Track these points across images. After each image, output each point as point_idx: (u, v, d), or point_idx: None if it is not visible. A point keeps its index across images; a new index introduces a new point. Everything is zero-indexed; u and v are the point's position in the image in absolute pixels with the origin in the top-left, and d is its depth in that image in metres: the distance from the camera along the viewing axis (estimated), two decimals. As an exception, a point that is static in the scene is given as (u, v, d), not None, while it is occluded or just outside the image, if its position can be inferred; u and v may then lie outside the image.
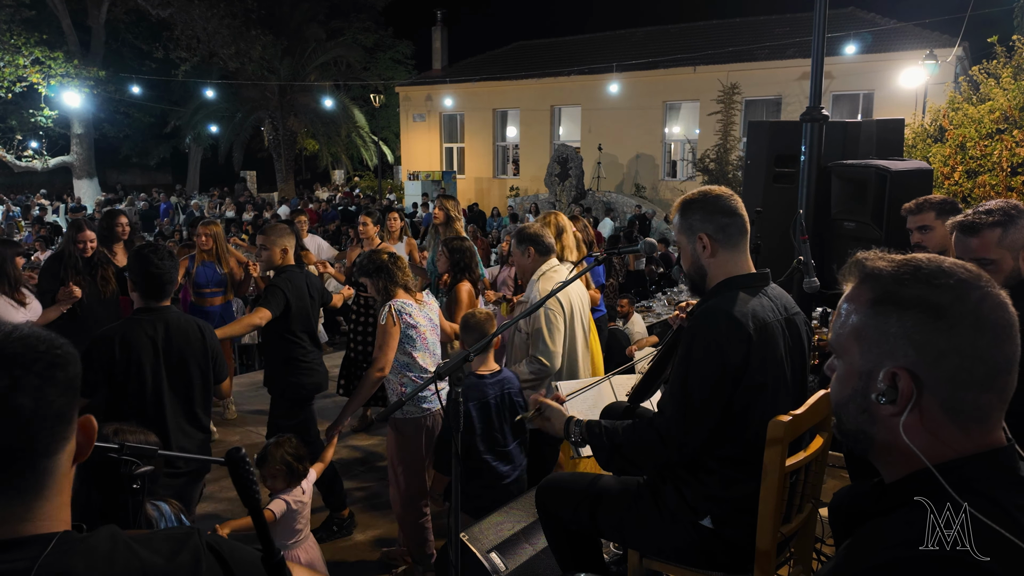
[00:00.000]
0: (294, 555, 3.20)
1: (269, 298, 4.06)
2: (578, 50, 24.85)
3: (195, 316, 5.82)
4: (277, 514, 3.13)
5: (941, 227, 3.24)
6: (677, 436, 2.21)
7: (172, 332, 3.17)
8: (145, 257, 3.17)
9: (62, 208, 21.16)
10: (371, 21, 31.84)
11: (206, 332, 3.31)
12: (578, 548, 2.66)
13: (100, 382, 3.03)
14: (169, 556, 1.04)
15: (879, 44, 18.66)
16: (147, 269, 3.15)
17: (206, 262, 6.01)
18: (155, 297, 3.19)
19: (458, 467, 2.14)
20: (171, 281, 3.23)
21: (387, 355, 3.55)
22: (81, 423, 1.06)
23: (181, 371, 3.19)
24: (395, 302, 3.62)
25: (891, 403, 1.08)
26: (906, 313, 1.07)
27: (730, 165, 19.32)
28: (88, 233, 5.00)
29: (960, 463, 1.05)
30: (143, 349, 3.09)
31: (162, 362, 3.13)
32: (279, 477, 3.22)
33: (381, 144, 28.26)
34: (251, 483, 1.32)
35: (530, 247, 3.88)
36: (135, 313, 3.20)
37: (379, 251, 3.79)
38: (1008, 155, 8.74)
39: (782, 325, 2.28)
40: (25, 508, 0.98)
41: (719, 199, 2.33)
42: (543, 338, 3.64)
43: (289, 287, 4.12)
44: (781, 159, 5.84)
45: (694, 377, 2.19)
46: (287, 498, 3.19)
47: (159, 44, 24.50)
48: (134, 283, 3.22)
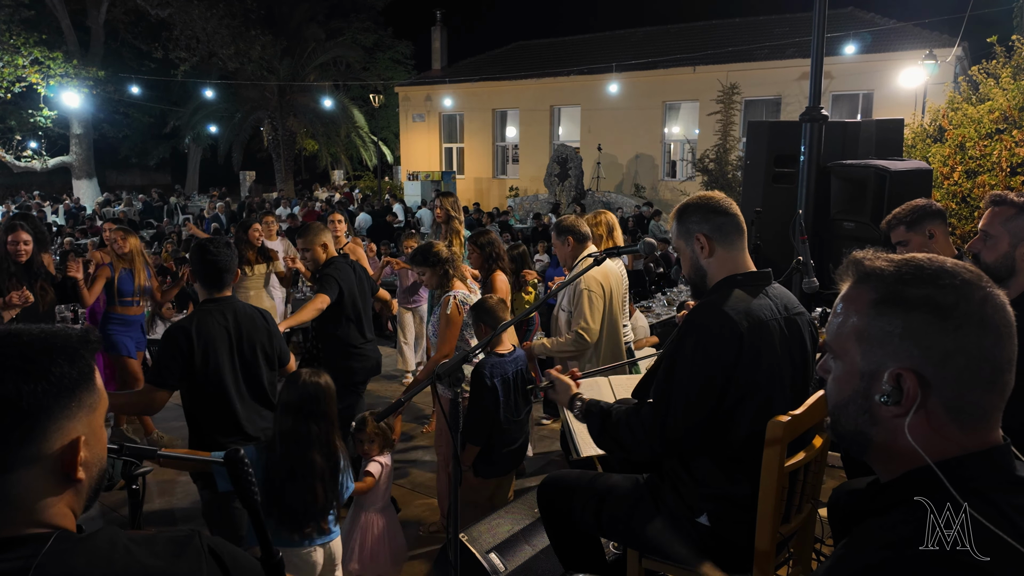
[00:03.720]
0: (376, 518, 3.36)
1: (325, 285, 4.30)
2: (578, 50, 24.86)
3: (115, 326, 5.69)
4: (376, 476, 3.32)
5: (915, 237, 3.21)
6: (659, 428, 2.22)
7: (240, 320, 3.29)
8: (204, 249, 3.26)
9: (61, 208, 21.16)
10: (371, 21, 31.84)
11: (268, 318, 3.46)
12: (579, 546, 2.66)
13: (178, 371, 3.12)
14: (169, 559, 1.04)
15: (878, 44, 18.67)
16: (206, 259, 3.24)
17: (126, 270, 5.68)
18: (217, 287, 3.30)
19: (457, 468, 2.14)
20: (230, 270, 3.32)
21: (451, 342, 3.83)
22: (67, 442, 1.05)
23: (251, 356, 3.31)
24: (457, 292, 3.90)
25: (895, 404, 1.07)
26: (911, 314, 1.06)
27: (730, 165, 19.30)
28: (22, 235, 4.66)
29: (959, 462, 1.05)
30: (219, 337, 3.19)
31: (234, 348, 3.25)
32: (376, 442, 3.41)
33: (380, 144, 28.26)
34: (250, 483, 1.32)
35: (569, 236, 4.26)
36: (203, 304, 3.31)
37: (436, 243, 4.05)
38: (1008, 155, 8.74)
39: (781, 324, 2.28)
40: (22, 510, 0.98)
41: (712, 200, 2.37)
42: (584, 316, 4.04)
43: (340, 274, 4.38)
44: (781, 159, 5.85)
45: (682, 372, 2.20)
46: (383, 460, 3.39)
47: (158, 44, 24.47)
48: (195, 275, 3.32)
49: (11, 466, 0.99)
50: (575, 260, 4.24)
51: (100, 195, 24.78)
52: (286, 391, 2.80)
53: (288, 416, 2.74)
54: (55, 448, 1.02)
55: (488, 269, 4.81)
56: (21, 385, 0.99)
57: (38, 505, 1.01)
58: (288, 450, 2.71)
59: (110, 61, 25.19)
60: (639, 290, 10.56)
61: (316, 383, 2.78)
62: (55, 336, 1.06)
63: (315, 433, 2.73)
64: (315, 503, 2.73)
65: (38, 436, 1.01)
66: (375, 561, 3.32)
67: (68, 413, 1.03)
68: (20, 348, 1.01)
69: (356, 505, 3.39)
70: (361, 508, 3.37)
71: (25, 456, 1.00)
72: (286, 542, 2.75)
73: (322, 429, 2.75)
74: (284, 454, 2.72)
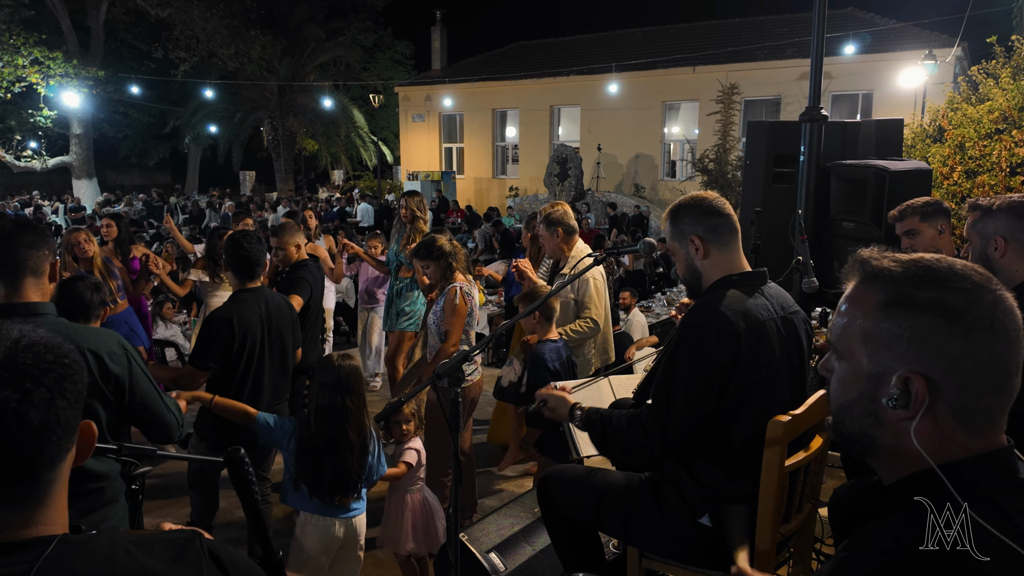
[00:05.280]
0: (417, 497, 3.51)
1: (298, 286, 4.50)
2: (577, 50, 24.84)
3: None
4: (413, 463, 3.44)
5: (927, 229, 3.27)
6: (660, 430, 2.22)
7: (271, 308, 3.57)
8: (236, 242, 3.51)
9: (61, 208, 21.16)
10: (370, 21, 31.82)
11: (291, 305, 3.82)
12: (579, 544, 2.66)
13: (219, 356, 3.37)
14: (169, 561, 1.04)
15: (878, 44, 18.67)
16: (239, 253, 3.50)
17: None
18: (249, 278, 3.56)
19: (458, 468, 2.14)
20: (260, 263, 3.58)
21: (458, 331, 3.95)
22: (81, 428, 1.05)
23: (279, 341, 3.61)
24: (461, 284, 3.99)
25: (903, 408, 1.05)
26: (921, 317, 1.04)
27: (729, 165, 19.31)
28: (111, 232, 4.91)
29: (964, 464, 1.04)
30: (255, 325, 3.46)
31: (266, 334, 3.51)
32: (412, 422, 3.55)
33: (380, 144, 28.25)
34: (250, 482, 1.32)
35: (559, 228, 4.50)
36: (238, 294, 3.56)
37: (439, 237, 4.18)
38: (1007, 155, 8.74)
39: (777, 324, 2.28)
40: (28, 515, 0.98)
41: (704, 201, 2.37)
42: (593, 303, 4.37)
43: (312, 278, 4.61)
44: (780, 159, 5.85)
45: (680, 373, 2.20)
46: (416, 447, 3.50)
47: (158, 44, 24.48)
48: (228, 266, 3.60)
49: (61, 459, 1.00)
50: (565, 253, 4.52)
51: (100, 195, 24.78)
52: (322, 372, 3.00)
53: (325, 393, 2.94)
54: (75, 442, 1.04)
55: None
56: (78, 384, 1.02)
57: (59, 504, 1.02)
58: (325, 425, 2.91)
59: (110, 61, 25.17)
60: (639, 290, 10.56)
61: (349, 364, 3.01)
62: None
63: (349, 408, 2.92)
64: (347, 474, 2.93)
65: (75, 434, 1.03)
66: (428, 536, 3.46)
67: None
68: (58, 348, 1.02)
69: (394, 489, 3.50)
70: (402, 492, 3.50)
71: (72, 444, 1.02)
72: (316, 508, 2.96)
73: (355, 405, 2.95)
74: (321, 428, 2.92)
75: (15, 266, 2.18)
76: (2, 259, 2.18)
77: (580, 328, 4.37)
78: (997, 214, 2.64)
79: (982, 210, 2.71)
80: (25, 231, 2.25)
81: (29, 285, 2.21)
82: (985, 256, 2.69)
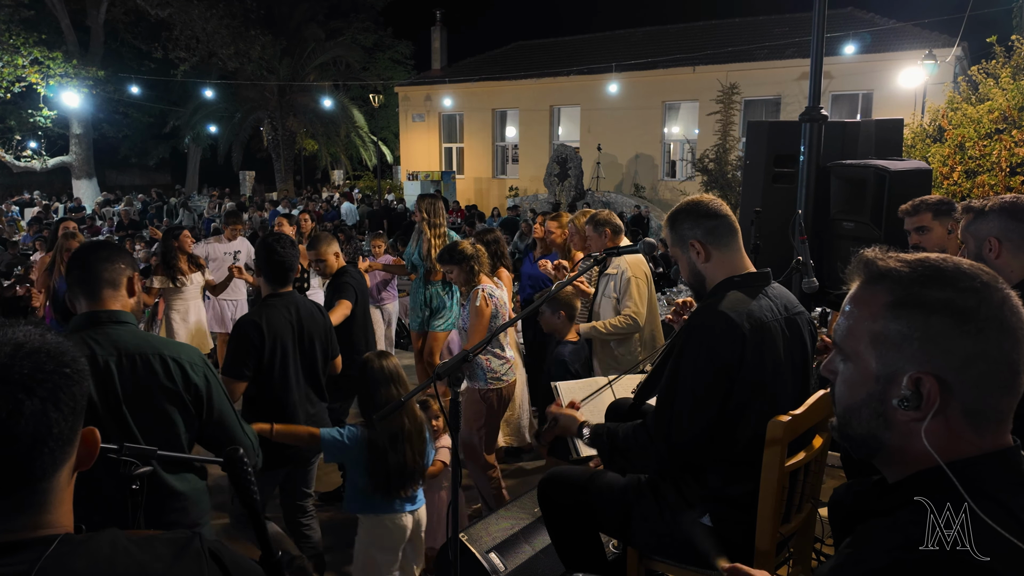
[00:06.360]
0: (442, 495, 3.62)
1: (344, 292, 4.55)
2: (577, 50, 24.84)
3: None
4: (447, 461, 3.52)
5: (939, 227, 3.27)
6: (667, 434, 2.22)
7: (302, 314, 3.46)
8: (270, 247, 3.43)
9: (61, 208, 21.15)
10: (370, 21, 31.81)
11: (324, 313, 3.68)
12: (579, 544, 2.66)
13: (253, 363, 3.27)
14: (170, 561, 1.04)
15: (878, 44, 18.67)
16: (272, 258, 3.42)
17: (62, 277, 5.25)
18: (281, 283, 3.48)
19: (458, 468, 2.14)
20: (293, 268, 3.50)
21: (481, 334, 4.01)
22: (84, 435, 1.04)
23: (310, 348, 3.48)
24: (485, 286, 4.09)
25: (914, 409, 1.04)
26: (931, 317, 1.03)
27: (729, 165, 19.30)
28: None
29: (971, 463, 1.03)
30: (285, 331, 3.36)
31: (296, 341, 3.42)
32: (441, 418, 3.63)
33: (380, 144, 28.23)
34: (249, 483, 1.32)
35: (607, 228, 4.64)
36: (268, 299, 3.46)
37: (461, 242, 4.32)
38: (1007, 155, 8.74)
39: (781, 324, 2.28)
40: (29, 518, 0.98)
41: (701, 204, 2.38)
42: (634, 300, 4.47)
43: (356, 282, 4.65)
44: (780, 159, 5.84)
45: (686, 376, 2.20)
46: (448, 444, 3.58)
47: (158, 44, 24.46)
48: (260, 271, 3.53)
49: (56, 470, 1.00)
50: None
51: (100, 195, 24.78)
52: (368, 371, 3.09)
53: (379, 388, 3.07)
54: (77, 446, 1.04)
55: (492, 266, 5.08)
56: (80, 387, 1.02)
57: (62, 508, 1.02)
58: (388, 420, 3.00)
59: (110, 61, 25.16)
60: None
61: (389, 361, 3.16)
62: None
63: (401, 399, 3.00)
64: (407, 466, 3.04)
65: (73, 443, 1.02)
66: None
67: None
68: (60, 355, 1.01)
69: (430, 487, 3.58)
70: (437, 488, 3.63)
71: (69, 454, 1.01)
72: (382, 507, 3.08)
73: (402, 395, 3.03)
74: (385, 424, 3.01)
75: (93, 280, 2.28)
76: (81, 275, 2.29)
77: (618, 323, 4.49)
78: (990, 215, 2.64)
79: (975, 212, 2.71)
80: (100, 247, 2.39)
81: (108, 297, 2.28)
82: (980, 258, 2.69)
